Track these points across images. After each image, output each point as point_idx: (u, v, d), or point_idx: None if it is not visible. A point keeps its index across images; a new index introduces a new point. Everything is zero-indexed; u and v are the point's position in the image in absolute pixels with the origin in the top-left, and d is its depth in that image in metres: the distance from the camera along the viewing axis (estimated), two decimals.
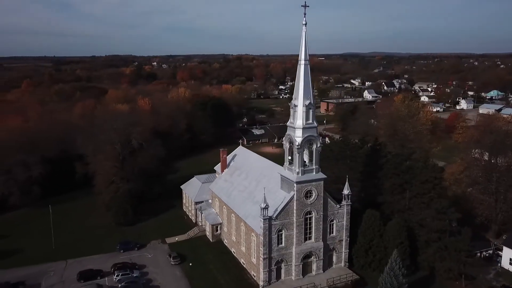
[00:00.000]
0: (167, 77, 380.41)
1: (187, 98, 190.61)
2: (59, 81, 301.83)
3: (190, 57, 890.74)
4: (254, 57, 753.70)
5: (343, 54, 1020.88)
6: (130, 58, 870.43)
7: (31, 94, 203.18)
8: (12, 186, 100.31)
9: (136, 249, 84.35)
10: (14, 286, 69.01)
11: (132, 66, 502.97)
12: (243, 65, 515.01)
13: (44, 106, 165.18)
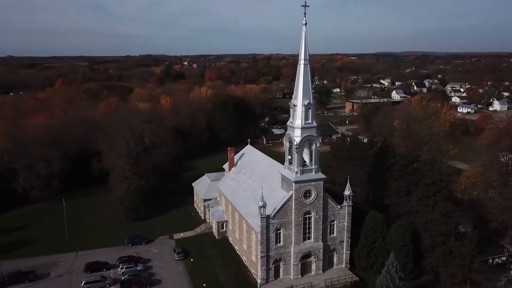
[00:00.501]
0: (195, 76, 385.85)
1: (208, 97, 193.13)
2: (91, 80, 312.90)
3: (222, 57, 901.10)
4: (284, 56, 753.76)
5: (376, 54, 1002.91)
6: (163, 58, 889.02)
7: (62, 92, 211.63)
8: (34, 180, 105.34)
9: (143, 243, 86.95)
10: (25, 275, 72.80)
11: (163, 66, 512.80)
12: (271, 64, 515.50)
13: (71, 104, 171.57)
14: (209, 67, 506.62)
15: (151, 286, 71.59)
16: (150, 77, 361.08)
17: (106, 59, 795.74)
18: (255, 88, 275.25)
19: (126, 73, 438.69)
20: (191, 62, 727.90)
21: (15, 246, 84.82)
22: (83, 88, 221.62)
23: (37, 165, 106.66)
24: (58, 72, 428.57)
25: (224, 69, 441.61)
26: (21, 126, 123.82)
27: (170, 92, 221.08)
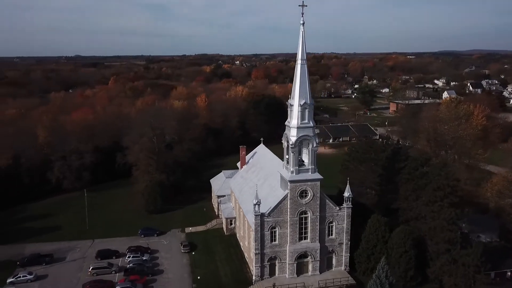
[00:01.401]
0: (241, 75, 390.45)
1: (243, 96, 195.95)
2: (141, 78, 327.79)
3: (275, 56, 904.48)
4: (336, 55, 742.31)
5: (437, 53, 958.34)
6: (217, 57, 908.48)
7: (109, 90, 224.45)
8: (67, 171, 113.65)
9: (155, 235, 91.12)
10: (43, 257, 79.28)
11: (213, 65, 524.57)
12: (320, 63, 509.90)
13: (114, 100, 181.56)
14: (259, 66, 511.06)
15: (153, 275, 75.17)
16: (198, 76, 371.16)
17: (162, 58, 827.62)
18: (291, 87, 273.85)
19: (177, 72, 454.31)
20: (243, 61, 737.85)
21: (41, 231, 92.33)
22: (128, 86, 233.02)
23: (70, 157, 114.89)
24: (115, 71, 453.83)
25: (271, 68, 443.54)
26: (61, 121, 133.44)
27: (210, 91, 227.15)
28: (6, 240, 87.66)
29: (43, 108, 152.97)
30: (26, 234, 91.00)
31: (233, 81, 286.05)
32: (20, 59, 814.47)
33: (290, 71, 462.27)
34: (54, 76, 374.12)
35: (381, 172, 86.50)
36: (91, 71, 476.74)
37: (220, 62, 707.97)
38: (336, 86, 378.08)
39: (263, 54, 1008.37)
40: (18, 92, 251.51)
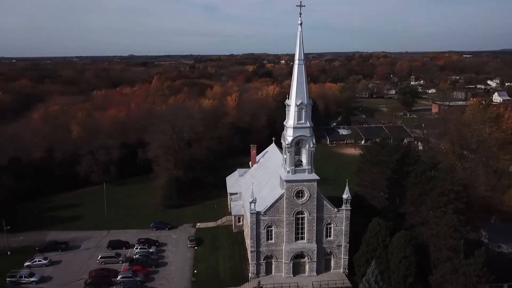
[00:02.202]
0: (282, 75, 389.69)
1: (273, 95, 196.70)
2: (184, 77, 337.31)
3: (322, 55, 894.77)
4: (386, 54, 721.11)
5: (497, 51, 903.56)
6: (263, 56, 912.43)
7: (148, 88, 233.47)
8: (94, 165, 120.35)
9: (166, 229, 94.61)
10: (59, 244, 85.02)
11: (256, 64, 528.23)
12: (365, 63, 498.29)
13: (149, 98, 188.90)
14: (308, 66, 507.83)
15: (157, 267, 78.36)
16: (239, 75, 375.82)
17: (210, 57, 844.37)
18: (334, 87, 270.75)
19: (221, 71, 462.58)
20: (288, 61, 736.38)
21: (64, 220, 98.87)
22: (166, 84, 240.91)
23: (98, 152, 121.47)
24: (161, 70, 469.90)
25: (313, 68, 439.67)
26: (94, 118, 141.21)
27: (245, 90, 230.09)
28: (32, 227, 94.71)
29: (81, 105, 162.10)
30: (50, 222, 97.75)
31: (270, 81, 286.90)
32: (78, 58, 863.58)
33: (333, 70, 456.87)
34: (104, 75, 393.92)
35: (391, 175, 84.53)
36: (140, 70, 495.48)
37: (265, 61, 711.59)
38: (379, 86, 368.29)
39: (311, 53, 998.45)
40: (69, 90, 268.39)
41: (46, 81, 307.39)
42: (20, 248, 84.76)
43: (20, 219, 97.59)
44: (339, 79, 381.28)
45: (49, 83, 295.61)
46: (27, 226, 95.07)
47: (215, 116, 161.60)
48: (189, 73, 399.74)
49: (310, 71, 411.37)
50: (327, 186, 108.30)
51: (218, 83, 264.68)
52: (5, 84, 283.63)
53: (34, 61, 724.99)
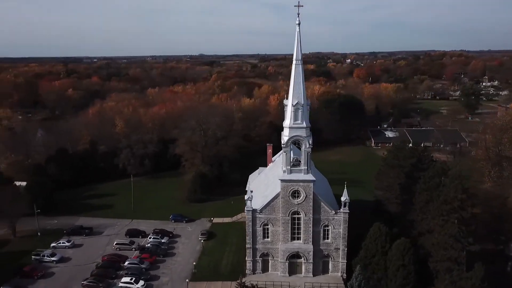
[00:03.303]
0: (341, 75, 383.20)
1: (317, 95, 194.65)
2: (242, 76, 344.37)
3: (394, 54, 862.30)
4: (462, 53, 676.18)
5: None
6: (330, 55, 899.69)
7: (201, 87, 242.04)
8: (131, 158, 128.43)
9: (184, 221, 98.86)
10: (84, 229, 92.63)
11: (316, 64, 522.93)
12: (434, 62, 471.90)
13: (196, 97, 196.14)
14: (365, 65, 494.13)
15: (164, 256, 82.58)
16: None
17: (275, 57, 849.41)
18: (389, 87, 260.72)
19: (280, 70, 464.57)
20: (354, 60, 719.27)
21: (96, 208, 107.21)
22: (217, 83, 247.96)
23: (135, 146, 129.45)
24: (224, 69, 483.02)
25: (376, 67, 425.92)
26: (138, 114, 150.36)
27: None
28: (67, 213, 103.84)
29: (128, 101, 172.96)
30: (83, 209, 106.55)
31: (323, 80, 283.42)
32: (151, 58, 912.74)
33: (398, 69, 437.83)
34: (168, 73, 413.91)
35: (404, 179, 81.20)
36: (204, 69, 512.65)
37: (330, 60, 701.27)
38: (444, 87, 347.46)
39: (381, 52, 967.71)
40: (132, 87, 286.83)
41: (113, 79, 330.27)
42: (52, 230, 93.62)
43: (60, 204, 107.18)
44: (401, 79, 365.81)
45: (116, 81, 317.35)
46: (63, 211, 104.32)
47: (254, 115, 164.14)
48: (247, 72, 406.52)
49: (372, 71, 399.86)
50: (358, 189, 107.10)
51: (269, 82, 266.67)
52: (78, 82, 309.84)
53: (113, 60, 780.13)
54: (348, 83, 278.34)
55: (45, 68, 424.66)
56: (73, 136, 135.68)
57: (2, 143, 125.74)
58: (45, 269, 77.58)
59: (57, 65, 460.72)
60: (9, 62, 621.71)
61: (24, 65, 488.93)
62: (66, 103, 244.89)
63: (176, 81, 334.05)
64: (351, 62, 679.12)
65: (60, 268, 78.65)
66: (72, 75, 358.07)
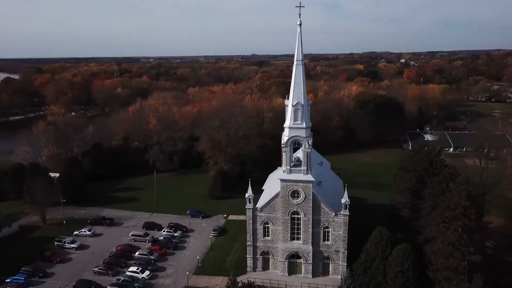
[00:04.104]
0: (390, 75, 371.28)
1: (354, 95, 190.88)
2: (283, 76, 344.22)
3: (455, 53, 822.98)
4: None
5: None
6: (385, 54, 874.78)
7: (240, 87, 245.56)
8: (161, 155, 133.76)
9: (200, 217, 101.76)
10: (105, 220, 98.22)
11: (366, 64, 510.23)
12: (494, 62, 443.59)
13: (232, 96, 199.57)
14: (418, 65, 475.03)
15: (174, 249, 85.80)
16: (344, 74, 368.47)
17: (326, 56, 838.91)
18: (436, 88, 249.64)
19: (327, 70, 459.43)
20: (409, 59, 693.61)
21: (122, 200, 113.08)
22: (255, 83, 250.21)
23: (165, 143, 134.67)
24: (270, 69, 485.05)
25: (428, 67, 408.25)
26: (172, 112, 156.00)
27: (332, 89, 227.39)
28: (95, 203, 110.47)
29: (164, 100, 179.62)
30: (110, 201, 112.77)
31: (366, 80, 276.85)
32: (204, 58, 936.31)
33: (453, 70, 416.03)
34: (215, 73, 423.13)
35: (415, 184, 78.57)
36: (252, 68, 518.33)
37: (382, 60, 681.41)
38: (501, 89, 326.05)
39: (440, 52, 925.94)
40: (178, 86, 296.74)
41: (161, 78, 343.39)
42: (78, 220, 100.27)
43: (90, 196, 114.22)
44: (455, 79, 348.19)
45: (163, 80, 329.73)
46: (92, 202, 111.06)
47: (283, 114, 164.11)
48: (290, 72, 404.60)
49: (423, 71, 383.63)
50: (383, 193, 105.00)
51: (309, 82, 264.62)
52: (128, 81, 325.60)
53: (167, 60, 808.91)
54: (394, 83, 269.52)
55: (102, 68, 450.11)
56: (109, 132, 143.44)
57: (46, 138, 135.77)
58: (64, 254, 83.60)
59: (113, 65, 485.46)
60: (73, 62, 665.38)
61: (84, 65, 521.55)
62: (114, 101, 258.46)
63: (221, 81, 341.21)
64: (405, 62, 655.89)
65: (78, 255, 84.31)
66: (125, 74, 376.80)
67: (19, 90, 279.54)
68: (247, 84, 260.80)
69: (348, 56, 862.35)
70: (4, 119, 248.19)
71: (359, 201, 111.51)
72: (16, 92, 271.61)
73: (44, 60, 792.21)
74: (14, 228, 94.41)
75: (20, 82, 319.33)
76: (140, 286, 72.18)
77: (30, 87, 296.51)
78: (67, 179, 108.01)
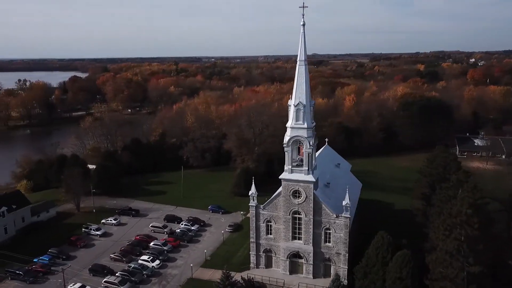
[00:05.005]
0: (452, 75, 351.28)
1: (399, 96, 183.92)
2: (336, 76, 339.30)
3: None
4: None
5: None
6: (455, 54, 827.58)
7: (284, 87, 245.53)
8: (194, 151, 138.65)
9: (220, 213, 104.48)
10: (131, 210, 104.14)
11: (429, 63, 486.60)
12: None
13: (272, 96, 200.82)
14: (485, 66, 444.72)
15: (188, 242, 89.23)
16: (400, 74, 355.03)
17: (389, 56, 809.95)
18: (497, 90, 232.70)
19: (387, 70, 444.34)
20: (480, 59, 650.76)
21: (151, 193, 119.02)
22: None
23: (199, 140, 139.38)
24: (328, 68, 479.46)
25: (495, 68, 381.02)
26: (210, 111, 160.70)
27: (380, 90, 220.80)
28: (127, 195, 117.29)
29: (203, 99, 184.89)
30: (142, 193, 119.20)
31: (420, 81, 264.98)
32: (263, 57, 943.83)
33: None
34: (269, 73, 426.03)
35: (428, 190, 75.29)
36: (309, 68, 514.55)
37: (450, 59, 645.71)
38: None
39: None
40: (229, 86, 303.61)
41: (214, 77, 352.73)
42: (108, 209, 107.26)
43: (124, 187, 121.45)
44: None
45: (216, 80, 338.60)
46: (125, 193, 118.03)
47: (323, 115, 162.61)
48: (346, 71, 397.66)
49: (491, 72, 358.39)
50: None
51: (358, 82, 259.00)
52: (183, 80, 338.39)
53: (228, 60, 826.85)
54: (451, 85, 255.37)
55: (162, 67, 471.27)
56: (149, 128, 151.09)
57: (91, 132, 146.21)
58: (88, 240, 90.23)
59: (172, 64, 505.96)
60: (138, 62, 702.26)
61: (147, 64, 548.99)
62: (167, 99, 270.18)
63: (273, 80, 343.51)
64: (474, 61, 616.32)
65: (101, 241, 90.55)
66: (181, 73, 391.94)
67: (84, 88, 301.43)
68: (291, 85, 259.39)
69: (412, 55, 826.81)
70: (68, 114, 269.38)
71: (384, 205, 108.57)
72: (80, 90, 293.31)
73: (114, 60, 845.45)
74: (51, 214, 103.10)
75: (85, 80, 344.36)
76: (149, 274, 76.19)
77: (93, 85, 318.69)
78: (102, 171, 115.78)
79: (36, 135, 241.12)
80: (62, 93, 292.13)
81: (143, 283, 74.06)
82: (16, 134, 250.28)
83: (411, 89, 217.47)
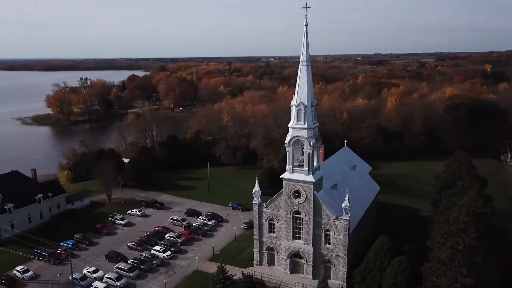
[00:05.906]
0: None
1: (446, 98, 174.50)
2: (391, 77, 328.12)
3: None
4: None
5: None
6: None
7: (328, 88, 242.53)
8: (226, 149, 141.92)
9: (240, 210, 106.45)
10: (156, 203, 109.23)
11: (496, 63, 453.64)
12: None
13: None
14: None
15: (203, 236, 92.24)
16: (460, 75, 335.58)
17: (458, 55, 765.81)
18: None
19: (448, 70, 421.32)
20: None
21: (179, 188, 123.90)
22: (348, 83, 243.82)
23: (231, 139, 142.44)
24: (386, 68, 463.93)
25: None
26: (245, 110, 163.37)
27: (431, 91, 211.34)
28: (157, 188, 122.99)
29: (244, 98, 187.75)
30: (171, 187, 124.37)
31: (479, 82, 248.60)
32: (323, 57, 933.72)
33: None
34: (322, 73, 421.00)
35: (438, 195, 71.85)
36: (364, 68, 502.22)
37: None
38: None
39: None
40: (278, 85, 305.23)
41: (265, 77, 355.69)
42: (137, 201, 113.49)
43: (156, 181, 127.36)
44: None
45: (266, 79, 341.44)
46: (156, 187, 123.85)
47: (361, 116, 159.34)
48: (403, 72, 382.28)
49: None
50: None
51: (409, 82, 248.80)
52: (233, 79, 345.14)
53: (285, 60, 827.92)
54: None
55: (217, 67, 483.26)
56: (187, 126, 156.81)
57: (132, 128, 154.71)
58: (112, 228, 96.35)
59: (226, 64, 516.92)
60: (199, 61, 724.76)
61: (204, 64, 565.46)
62: (216, 98, 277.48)
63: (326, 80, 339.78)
64: None
65: (123, 230, 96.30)
66: (234, 73, 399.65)
67: (140, 86, 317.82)
68: (338, 84, 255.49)
69: (483, 55, 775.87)
70: (123, 111, 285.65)
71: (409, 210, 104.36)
72: (136, 88, 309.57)
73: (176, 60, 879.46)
74: (85, 203, 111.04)
75: (142, 79, 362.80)
76: (158, 263, 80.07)
77: (149, 83, 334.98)
78: (135, 165, 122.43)
79: (94, 130, 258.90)
80: (120, 90, 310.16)
81: (151, 272, 78.00)
82: (77, 128, 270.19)
83: (465, 90, 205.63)
